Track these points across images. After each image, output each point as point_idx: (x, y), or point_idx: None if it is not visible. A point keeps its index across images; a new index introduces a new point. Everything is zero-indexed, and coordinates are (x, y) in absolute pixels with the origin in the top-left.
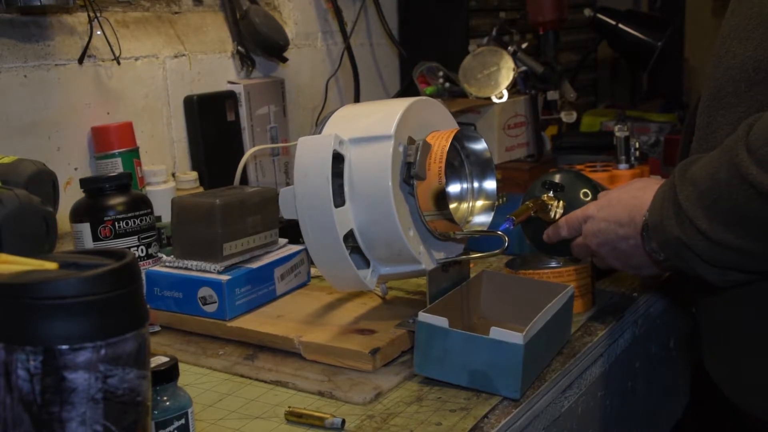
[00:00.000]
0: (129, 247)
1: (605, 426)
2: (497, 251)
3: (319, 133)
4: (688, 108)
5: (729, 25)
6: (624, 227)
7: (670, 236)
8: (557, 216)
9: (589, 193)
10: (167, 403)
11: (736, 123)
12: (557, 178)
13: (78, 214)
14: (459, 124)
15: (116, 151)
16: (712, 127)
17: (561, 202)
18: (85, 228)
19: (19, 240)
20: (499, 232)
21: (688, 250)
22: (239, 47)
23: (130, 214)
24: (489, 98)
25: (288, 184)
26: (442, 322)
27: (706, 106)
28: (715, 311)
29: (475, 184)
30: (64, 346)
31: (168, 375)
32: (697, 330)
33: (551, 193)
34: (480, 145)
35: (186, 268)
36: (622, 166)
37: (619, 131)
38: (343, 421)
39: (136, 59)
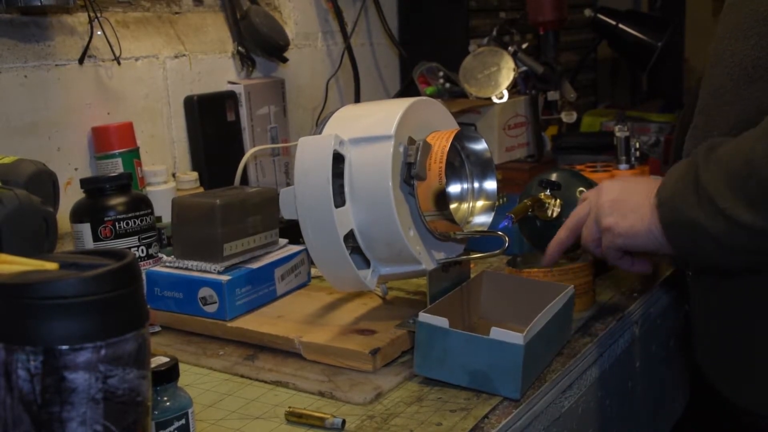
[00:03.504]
0: (129, 248)
1: (605, 426)
2: (498, 251)
3: (320, 133)
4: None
5: (726, 24)
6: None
7: (683, 217)
8: (554, 214)
9: (585, 191)
10: (167, 404)
11: (734, 121)
12: (554, 176)
13: (78, 214)
14: (459, 124)
15: (116, 151)
16: (710, 125)
17: (558, 200)
18: (86, 228)
19: (19, 240)
20: (500, 233)
21: (705, 233)
22: (239, 47)
23: (130, 215)
24: (489, 98)
25: (288, 185)
26: (442, 322)
27: (704, 104)
28: (709, 308)
29: (476, 185)
30: (64, 346)
31: (168, 375)
32: (690, 327)
33: (548, 192)
34: (480, 146)
35: (186, 269)
36: (622, 166)
37: (619, 131)
38: (344, 422)
39: (137, 59)
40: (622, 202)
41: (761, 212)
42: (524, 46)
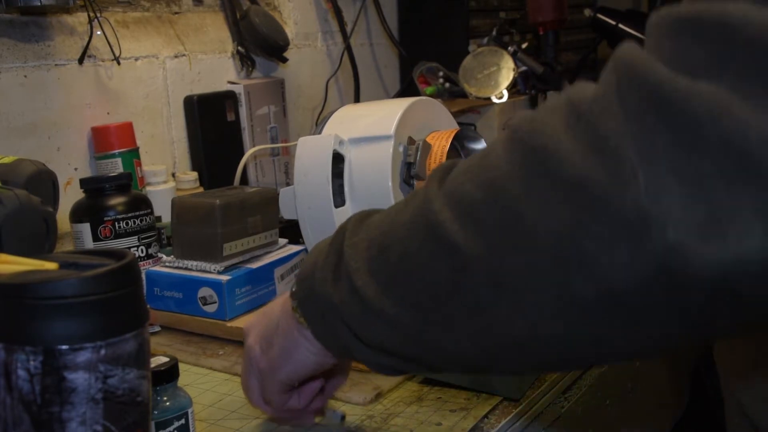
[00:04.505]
0: (129, 248)
1: (605, 426)
2: None
3: (319, 133)
4: None
5: None
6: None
7: (320, 292)
8: None
9: None
10: (167, 404)
11: None
12: None
13: (78, 214)
14: (459, 124)
15: (116, 151)
16: None
17: None
18: (85, 228)
19: (19, 240)
20: None
21: (339, 315)
22: (239, 47)
23: (130, 214)
24: (489, 98)
25: (288, 184)
26: None
27: None
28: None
29: None
30: (64, 346)
31: (168, 375)
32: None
33: None
34: (480, 145)
35: (186, 268)
36: None
37: None
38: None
39: (136, 59)
40: (263, 332)
41: (392, 295)
42: (524, 46)
